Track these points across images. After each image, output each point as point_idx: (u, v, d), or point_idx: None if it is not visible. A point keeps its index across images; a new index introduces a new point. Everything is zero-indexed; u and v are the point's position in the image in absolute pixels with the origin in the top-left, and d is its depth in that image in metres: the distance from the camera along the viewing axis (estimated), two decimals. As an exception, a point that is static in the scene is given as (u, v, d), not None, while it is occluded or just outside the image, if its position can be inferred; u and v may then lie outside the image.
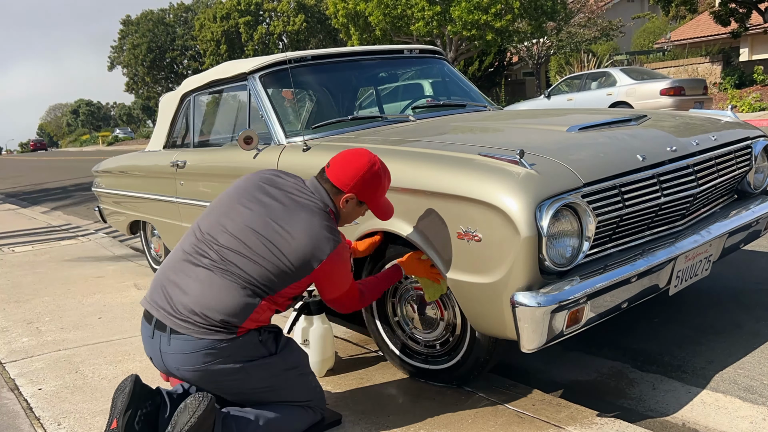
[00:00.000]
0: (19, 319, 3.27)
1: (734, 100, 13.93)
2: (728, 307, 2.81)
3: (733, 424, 1.91)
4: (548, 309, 1.67)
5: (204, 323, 1.67)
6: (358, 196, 1.84)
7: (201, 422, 1.60)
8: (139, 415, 1.66)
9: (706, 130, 2.39)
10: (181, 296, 1.71)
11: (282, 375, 1.79)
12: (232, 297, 1.70)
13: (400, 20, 18.50)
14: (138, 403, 1.67)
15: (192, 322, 1.68)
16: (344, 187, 1.82)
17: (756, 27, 17.64)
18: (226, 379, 1.72)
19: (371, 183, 1.84)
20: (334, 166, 1.85)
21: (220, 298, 1.69)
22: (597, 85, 12.37)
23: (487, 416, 1.91)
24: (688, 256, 2.07)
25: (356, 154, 1.86)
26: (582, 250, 1.79)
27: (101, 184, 4.56)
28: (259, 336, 1.74)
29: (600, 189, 1.84)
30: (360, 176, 1.82)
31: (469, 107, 3.18)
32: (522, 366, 2.45)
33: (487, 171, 1.80)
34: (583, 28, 23.14)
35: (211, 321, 1.67)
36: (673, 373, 2.27)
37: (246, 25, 33.85)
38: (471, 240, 1.79)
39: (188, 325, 1.68)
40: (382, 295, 2.24)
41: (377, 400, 2.08)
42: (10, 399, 2.27)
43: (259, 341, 1.74)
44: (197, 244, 1.78)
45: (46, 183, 14.76)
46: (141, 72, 41.92)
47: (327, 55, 3.01)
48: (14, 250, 5.34)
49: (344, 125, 2.79)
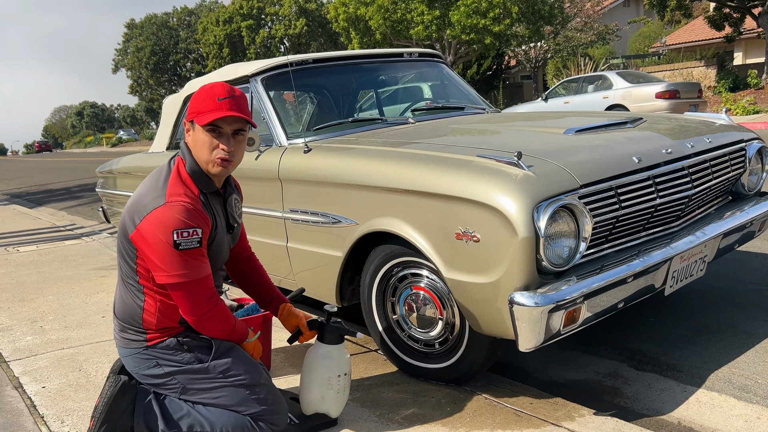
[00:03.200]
0: (24, 318, 3.29)
1: (728, 103, 14.00)
2: (723, 307, 2.84)
3: (728, 422, 1.93)
4: (545, 309, 1.69)
5: (118, 329, 1.77)
6: (187, 117, 1.68)
7: (115, 405, 1.68)
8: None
9: (701, 133, 2.42)
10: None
11: (212, 383, 1.72)
12: (122, 298, 1.75)
13: (400, 24, 18.57)
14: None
15: (115, 330, 1.79)
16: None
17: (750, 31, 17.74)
18: (158, 384, 1.75)
19: (194, 95, 1.67)
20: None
21: (117, 302, 1.78)
22: (593, 89, 12.44)
23: (486, 414, 1.94)
24: (683, 257, 2.10)
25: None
26: (579, 250, 1.82)
27: (105, 185, 4.59)
28: (181, 345, 1.71)
29: (596, 190, 1.87)
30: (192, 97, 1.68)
31: (468, 110, 3.22)
32: (520, 365, 2.48)
33: (486, 172, 1.83)
34: (580, 32, 23.21)
35: (120, 326, 1.76)
36: (668, 372, 2.30)
37: (248, 29, 33.94)
38: (469, 240, 1.82)
39: (115, 333, 1.80)
40: (382, 295, 2.27)
41: (376, 398, 2.11)
42: (14, 397, 2.29)
43: (182, 349, 1.71)
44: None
45: (51, 184, 14.77)
46: (145, 74, 42.01)
47: (328, 59, 3.04)
48: (19, 250, 5.36)
49: (345, 127, 2.82)
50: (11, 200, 10.86)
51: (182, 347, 1.71)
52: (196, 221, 1.60)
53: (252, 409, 1.73)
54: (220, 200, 1.78)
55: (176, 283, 1.60)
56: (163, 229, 1.56)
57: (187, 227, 1.57)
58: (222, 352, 1.74)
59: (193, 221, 1.59)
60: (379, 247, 2.21)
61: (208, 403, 1.74)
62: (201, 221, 1.62)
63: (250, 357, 1.80)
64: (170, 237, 1.56)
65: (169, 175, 1.68)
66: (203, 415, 1.73)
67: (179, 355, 1.71)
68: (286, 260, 2.64)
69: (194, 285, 1.62)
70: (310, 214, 2.43)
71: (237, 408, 1.73)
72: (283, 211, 2.58)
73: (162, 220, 1.57)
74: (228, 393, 1.72)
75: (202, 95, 1.65)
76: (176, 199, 1.60)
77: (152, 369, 1.73)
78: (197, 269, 1.61)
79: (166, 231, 1.56)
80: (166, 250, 1.57)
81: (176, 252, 1.57)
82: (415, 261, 2.11)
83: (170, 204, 1.59)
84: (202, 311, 1.65)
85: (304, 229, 2.49)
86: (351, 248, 2.25)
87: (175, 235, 1.56)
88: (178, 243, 1.56)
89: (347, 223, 2.25)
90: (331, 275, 2.38)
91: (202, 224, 1.62)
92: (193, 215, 1.60)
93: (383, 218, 2.09)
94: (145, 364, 1.73)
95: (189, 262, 1.59)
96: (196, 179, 1.69)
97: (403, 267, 2.17)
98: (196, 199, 1.64)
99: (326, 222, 2.35)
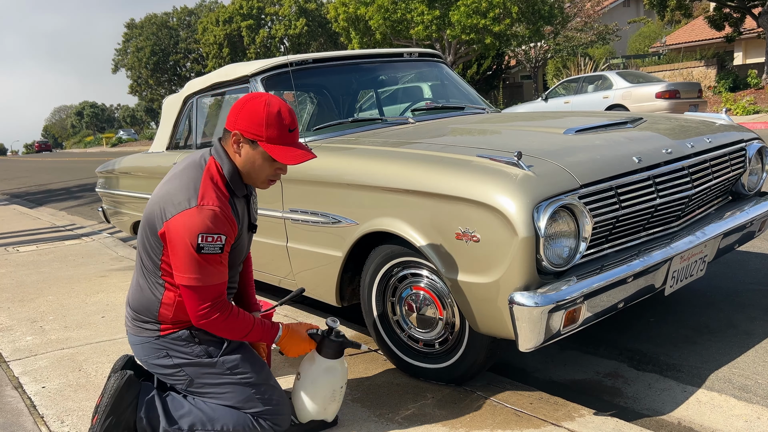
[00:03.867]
0: (24, 318, 3.29)
1: (728, 103, 14.02)
2: (723, 307, 2.84)
3: (728, 422, 1.93)
4: (545, 309, 1.69)
5: (131, 318, 1.79)
6: (243, 132, 1.62)
7: (120, 398, 1.70)
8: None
9: (701, 133, 2.42)
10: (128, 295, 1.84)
11: (219, 378, 1.74)
12: (140, 289, 1.77)
13: (400, 24, 18.58)
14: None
15: (127, 317, 1.81)
16: (230, 126, 1.65)
17: (750, 31, 17.77)
18: (166, 374, 1.77)
19: (252, 110, 1.61)
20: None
21: (134, 293, 1.79)
22: (593, 89, 12.45)
23: (486, 414, 1.94)
24: (683, 257, 2.10)
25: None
26: (579, 250, 1.82)
27: (105, 185, 4.59)
28: (193, 337, 1.73)
29: (596, 190, 1.87)
30: (238, 107, 1.64)
31: (468, 110, 3.22)
32: (520, 365, 2.48)
33: (486, 172, 1.83)
34: (580, 32, 23.22)
35: (134, 315, 1.78)
36: (668, 372, 2.30)
37: (248, 29, 33.95)
38: (469, 240, 1.82)
39: (127, 321, 1.82)
40: (382, 295, 2.27)
41: (376, 398, 2.11)
42: (14, 397, 2.29)
43: (193, 341, 1.73)
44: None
45: (51, 184, 14.78)
46: (145, 74, 42.03)
47: (328, 58, 3.04)
48: (19, 250, 5.36)
49: (345, 127, 2.82)
50: (11, 200, 10.86)
51: (194, 339, 1.73)
52: (223, 228, 1.61)
53: (256, 407, 1.74)
54: (244, 201, 1.80)
55: (187, 285, 1.61)
56: (190, 231, 1.57)
57: (212, 232, 1.58)
58: (232, 348, 1.76)
59: (221, 228, 1.60)
60: (379, 247, 2.21)
61: (214, 399, 1.76)
62: (228, 228, 1.62)
63: (258, 357, 1.82)
64: (195, 240, 1.57)
65: (201, 176, 1.67)
66: (205, 413, 1.74)
67: (190, 347, 1.73)
68: (286, 260, 2.65)
69: (204, 290, 1.62)
70: (310, 214, 2.43)
71: (241, 405, 1.74)
72: (282, 211, 2.58)
73: (191, 221, 1.57)
74: (234, 390, 1.74)
75: (270, 119, 1.61)
76: (208, 203, 1.60)
77: (162, 359, 1.74)
78: (211, 275, 1.61)
79: (192, 233, 1.57)
80: (187, 251, 1.58)
81: (196, 255, 1.58)
82: (415, 261, 2.11)
83: (201, 207, 1.59)
84: (203, 315, 1.64)
85: (304, 229, 2.49)
86: (351, 248, 2.25)
87: (200, 238, 1.57)
88: (201, 247, 1.57)
89: (347, 223, 2.25)
90: (331, 275, 2.38)
91: (228, 231, 1.62)
92: (221, 222, 1.60)
93: (383, 218, 2.09)
94: (155, 354, 1.74)
95: (206, 267, 1.60)
96: (233, 185, 1.70)
97: (403, 267, 2.17)
98: (226, 204, 1.65)
99: (326, 222, 2.35)
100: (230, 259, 1.73)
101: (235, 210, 1.70)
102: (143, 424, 1.73)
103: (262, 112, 1.61)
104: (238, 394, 1.74)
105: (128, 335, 1.82)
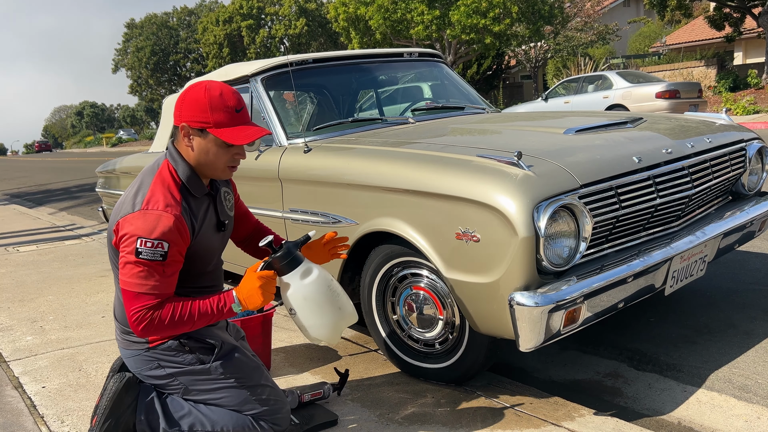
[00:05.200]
0: (24, 318, 3.29)
1: (728, 103, 14.02)
2: (723, 307, 2.84)
3: (728, 422, 1.93)
4: (545, 309, 1.69)
5: (120, 331, 1.77)
6: (190, 123, 1.58)
7: (119, 400, 1.69)
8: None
9: (701, 133, 2.42)
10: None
11: (214, 384, 1.72)
12: (119, 302, 1.74)
13: (400, 24, 18.58)
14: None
15: (116, 331, 1.79)
16: (176, 121, 1.61)
17: (750, 31, 17.77)
18: (160, 384, 1.75)
19: (193, 99, 1.58)
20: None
21: (117, 306, 1.76)
22: (593, 89, 12.45)
23: (486, 414, 1.94)
24: (683, 257, 2.10)
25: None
26: (579, 250, 1.82)
27: (105, 185, 4.59)
28: (183, 346, 1.70)
29: (597, 190, 1.87)
30: (180, 99, 1.60)
31: (468, 110, 3.22)
32: (520, 365, 2.48)
33: (486, 172, 1.83)
34: (580, 32, 23.23)
35: (121, 329, 1.76)
36: (668, 372, 2.30)
37: (248, 29, 33.96)
38: (469, 240, 1.82)
39: (116, 334, 1.79)
40: (382, 295, 2.27)
41: (376, 398, 2.11)
42: (14, 397, 2.29)
43: (183, 350, 1.70)
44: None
45: (51, 184, 14.78)
46: (145, 74, 42.04)
47: (328, 58, 3.04)
48: (19, 250, 5.37)
49: (345, 127, 2.82)
50: (11, 200, 10.87)
51: (184, 348, 1.71)
52: (167, 235, 1.53)
53: (254, 409, 1.74)
54: (209, 200, 1.74)
55: (123, 289, 1.56)
56: (129, 234, 1.53)
57: (152, 238, 1.52)
58: (224, 352, 1.74)
59: (165, 234, 1.53)
60: (379, 247, 2.21)
61: (211, 404, 1.75)
62: (174, 236, 1.55)
63: (252, 358, 1.80)
64: (134, 243, 1.52)
65: (151, 180, 1.63)
66: (204, 414, 1.73)
67: (181, 357, 1.71)
68: (286, 260, 2.64)
69: (140, 297, 1.54)
70: (310, 214, 2.43)
71: (239, 408, 1.74)
72: (283, 211, 2.58)
73: (130, 225, 1.54)
74: (230, 394, 1.73)
75: (213, 103, 1.57)
76: (154, 207, 1.56)
77: (154, 370, 1.73)
78: (149, 283, 1.53)
79: (131, 236, 1.53)
80: (126, 255, 1.54)
81: (134, 259, 1.52)
82: (415, 261, 2.11)
83: (145, 211, 1.55)
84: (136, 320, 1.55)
85: (305, 229, 2.49)
86: (351, 248, 2.25)
87: (139, 242, 1.52)
88: (140, 251, 1.52)
89: (347, 223, 2.25)
90: (330, 275, 2.38)
91: (174, 239, 1.55)
92: (166, 228, 1.53)
93: (383, 218, 2.10)
94: (147, 366, 1.73)
95: (142, 273, 1.53)
96: (190, 185, 1.65)
97: (403, 267, 2.17)
98: (177, 208, 1.59)
99: (326, 222, 2.35)
100: (197, 264, 1.69)
101: (192, 212, 1.64)
102: (143, 426, 1.72)
103: (204, 98, 1.57)
104: (234, 397, 1.73)
105: (119, 349, 1.78)
